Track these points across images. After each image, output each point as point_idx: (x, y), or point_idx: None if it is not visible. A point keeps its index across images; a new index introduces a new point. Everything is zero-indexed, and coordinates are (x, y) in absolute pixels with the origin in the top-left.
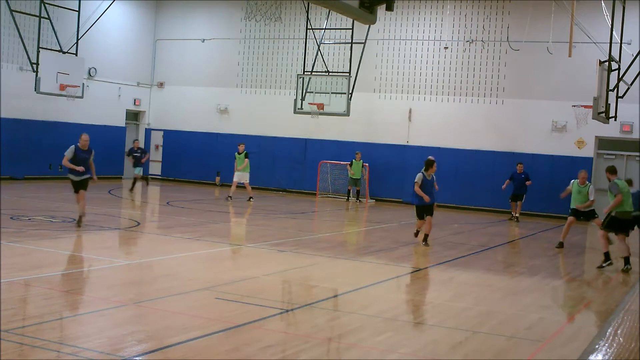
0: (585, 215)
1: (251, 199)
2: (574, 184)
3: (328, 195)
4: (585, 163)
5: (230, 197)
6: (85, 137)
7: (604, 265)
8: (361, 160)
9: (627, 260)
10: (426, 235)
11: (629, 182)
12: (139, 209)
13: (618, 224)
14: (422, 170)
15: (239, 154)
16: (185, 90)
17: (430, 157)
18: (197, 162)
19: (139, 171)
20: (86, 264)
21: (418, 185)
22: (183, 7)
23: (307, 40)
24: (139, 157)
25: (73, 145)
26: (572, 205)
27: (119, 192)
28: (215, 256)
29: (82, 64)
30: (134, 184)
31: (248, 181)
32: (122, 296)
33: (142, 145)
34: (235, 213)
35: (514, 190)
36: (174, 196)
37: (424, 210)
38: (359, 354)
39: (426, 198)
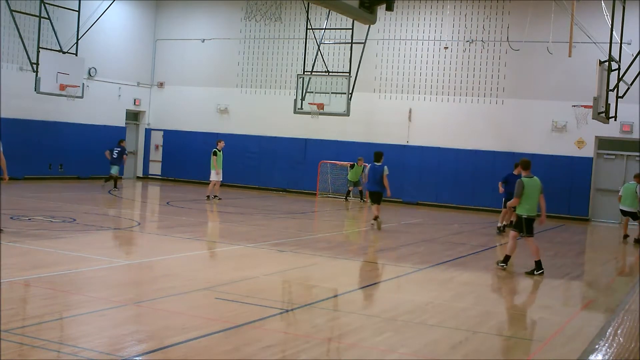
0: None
1: (217, 198)
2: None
3: (328, 195)
4: (585, 163)
5: (216, 196)
6: None
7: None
8: (362, 166)
9: (539, 265)
10: (377, 217)
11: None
12: (138, 208)
13: (531, 227)
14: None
15: (219, 151)
16: (185, 90)
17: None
18: (197, 162)
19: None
20: (86, 264)
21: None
22: (183, 7)
23: (307, 40)
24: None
25: None
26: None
27: (119, 192)
28: (215, 256)
29: (82, 64)
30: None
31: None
32: (122, 296)
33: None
34: (235, 213)
35: (508, 196)
36: (174, 196)
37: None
38: (359, 354)
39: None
